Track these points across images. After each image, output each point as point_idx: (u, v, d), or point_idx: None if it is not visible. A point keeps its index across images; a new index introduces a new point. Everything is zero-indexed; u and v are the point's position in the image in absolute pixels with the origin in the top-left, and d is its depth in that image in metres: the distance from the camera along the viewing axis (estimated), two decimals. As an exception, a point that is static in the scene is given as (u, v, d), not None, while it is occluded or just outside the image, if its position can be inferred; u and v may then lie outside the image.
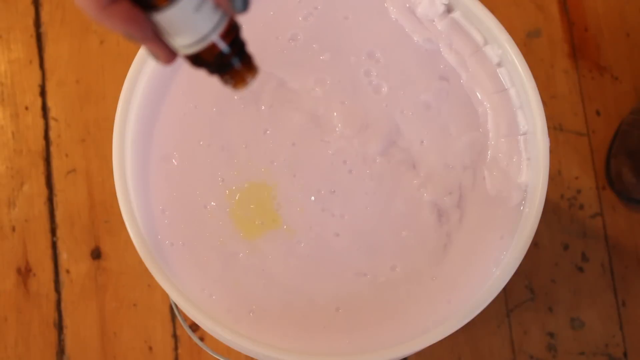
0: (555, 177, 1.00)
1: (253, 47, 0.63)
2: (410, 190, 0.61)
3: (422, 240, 0.61)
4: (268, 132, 0.62)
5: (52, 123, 1.00)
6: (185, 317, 0.88)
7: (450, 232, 0.61)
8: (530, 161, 0.61)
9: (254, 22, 0.63)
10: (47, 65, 1.02)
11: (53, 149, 1.00)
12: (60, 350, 0.95)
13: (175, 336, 0.95)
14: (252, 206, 0.61)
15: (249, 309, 0.59)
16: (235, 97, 0.62)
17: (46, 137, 1.00)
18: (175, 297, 0.57)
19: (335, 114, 0.62)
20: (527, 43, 1.03)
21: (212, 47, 0.40)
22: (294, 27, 0.63)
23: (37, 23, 1.03)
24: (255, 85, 0.62)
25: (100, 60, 1.02)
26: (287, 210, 0.61)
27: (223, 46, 0.40)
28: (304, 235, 0.61)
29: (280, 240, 0.60)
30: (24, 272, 0.96)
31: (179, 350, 0.95)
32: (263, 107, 0.62)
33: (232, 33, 0.40)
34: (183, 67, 0.63)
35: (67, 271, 0.96)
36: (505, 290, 0.97)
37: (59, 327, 0.95)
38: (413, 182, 0.61)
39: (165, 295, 0.95)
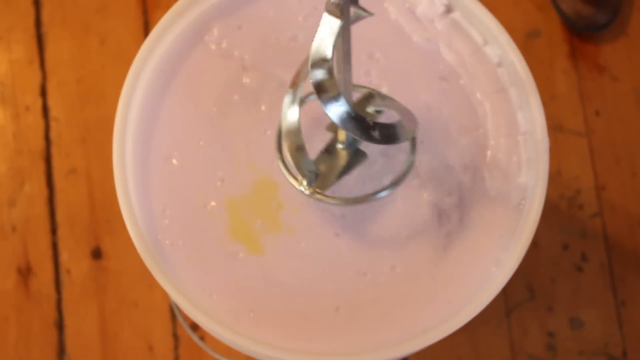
0: (554, 177, 1.00)
1: (253, 47, 0.64)
2: (411, 190, 0.62)
3: (422, 240, 0.61)
4: (268, 132, 0.62)
5: (52, 123, 1.00)
6: (185, 317, 0.88)
7: (450, 232, 0.61)
8: (530, 161, 0.61)
9: (253, 22, 0.64)
10: (48, 65, 1.02)
11: (54, 149, 1.00)
12: (61, 350, 0.95)
13: (175, 336, 0.95)
14: (252, 206, 0.61)
15: (249, 309, 0.59)
16: (236, 97, 0.62)
17: (47, 137, 1.00)
18: (175, 297, 0.57)
19: (335, 114, 0.62)
20: (526, 43, 1.03)
21: None
22: (294, 27, 0.64)
23: (38, 23, 1.03)
24: (255, 85, 0.63)
25: (101, 60, 1.02)
26: (287, 211, 0.61)
27: None
28: (304, 235, 0.61)
29: (281, 240, 0.60)
30: (25, 272, 0.97)
31: (179, 350, 0.95)
32: (263, 108, 0.62)
33: None
34: (183, 67, 0.63)
35: (68, 271, 0.96)
36: (505, 290, 0.97)
37: (60, 326, 0.96)
38: (413, 182, 0.61)
39: (165, 295, 0.95)
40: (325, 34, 0.46)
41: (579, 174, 1.00)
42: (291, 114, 0.54)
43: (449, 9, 0.63)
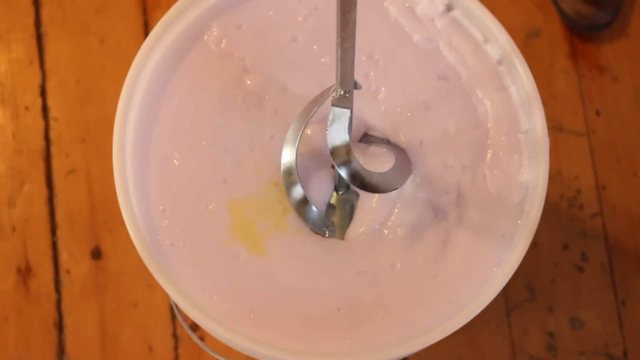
0: (555, 177, 1.00)
1: (253, 48, 0.63)
2: (411, 190, 0.62)
3: (422, 238, 0.61)
4: (274, 138, 0.62)
5: (52, 123, 1.00)
6: (185, 317, 0.88)
7: (450, 230, 0.61)
8: (531, 160, 0.60)
9: (253, 22, 0.63)
10: (48, 65, 1.02)
11: (53, 149, 1.00)
12: (61, 350, 0.95)
13: (175, 336, 0.95)
14: (257, 208, 0.61)
15: (250, 309, 0.59)
16: (239, 99, 0.62)
17: (46, 137, 1.00)
18: (175, 297, 0.57)
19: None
20: (527, 43, 1.03)
21: None
22: (294, 28, 0.63)
23: (38, 23, 1.03)
24: (257, 87, 0.62)
25: (101, 60, 1.02)
26: (293, 214, 0.61)
27: None
28: (307, 237, 0.61)
29: (283, 241, 0.60)
30: (24, 272, 0.96)
31: (179, 350, 0.95)
32: (267, 112, 0.62)
33: None
34: (183, 67, 0.63)
35: (68, 271, 0.96)
36: (505, 290, 0.97)
37: (59, 326, 0.96)
38: (413, 182, 0.61)
39: (165, 295, 0.95)
40: (339, 127, 0.53)
41: (579, 174, 1.00)
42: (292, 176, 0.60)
43: (449, 8, 0.63)
